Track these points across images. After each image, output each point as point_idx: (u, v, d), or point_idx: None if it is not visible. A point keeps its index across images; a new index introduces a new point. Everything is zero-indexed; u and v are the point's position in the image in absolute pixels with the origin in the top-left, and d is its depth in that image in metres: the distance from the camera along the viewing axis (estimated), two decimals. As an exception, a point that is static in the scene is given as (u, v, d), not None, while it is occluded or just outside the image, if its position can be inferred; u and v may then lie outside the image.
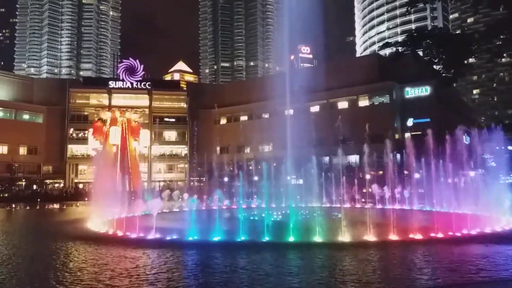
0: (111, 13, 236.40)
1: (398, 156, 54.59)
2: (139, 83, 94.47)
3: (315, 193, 36.99)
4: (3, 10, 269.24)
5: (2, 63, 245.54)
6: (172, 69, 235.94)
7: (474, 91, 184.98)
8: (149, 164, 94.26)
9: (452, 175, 33.86)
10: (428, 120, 67.34)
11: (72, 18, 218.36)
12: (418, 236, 21.04)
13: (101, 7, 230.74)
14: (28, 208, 53.30)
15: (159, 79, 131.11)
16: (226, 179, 57.15)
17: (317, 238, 20.39)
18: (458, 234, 22.31)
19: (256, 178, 47.91)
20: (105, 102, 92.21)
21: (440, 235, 21.70)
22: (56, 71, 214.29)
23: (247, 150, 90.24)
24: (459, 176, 36.38)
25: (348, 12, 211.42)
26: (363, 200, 45.30)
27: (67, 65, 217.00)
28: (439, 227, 22.30)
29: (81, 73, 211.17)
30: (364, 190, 45.84)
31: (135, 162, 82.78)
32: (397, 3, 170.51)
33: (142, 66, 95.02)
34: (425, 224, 23.24)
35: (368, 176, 46.63)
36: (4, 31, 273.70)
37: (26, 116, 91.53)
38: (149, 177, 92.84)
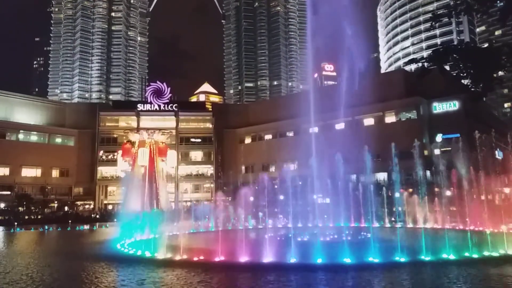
0: (139, 38, 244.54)
1: (428, 173, 53.14)
2: (166, 105, 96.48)
3: (343, 212, 36.34)
4: (38, 39, 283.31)
5: (36, 89, 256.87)
6: (197, 91, 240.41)
7: (506, 105, 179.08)
8: (176, 184, 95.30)
9: (485, 191, 32.63)
10: (458, 135, 65.48)
11: (102, 45, 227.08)
12: (452, 256, 20.26)
13: (129, 33, 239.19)
14: (60, 229, 54.56)
15: (185, 101, 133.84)
16: (251, 198, 56.97)
17: (346, 260, 19.92)
18: (475, 256, 21.30)
19: (281, 197, 47.56)
20: (134, 124, 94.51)
21: (475, 255, 20.83)
22: (87, 95, 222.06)
23: (272, 168, 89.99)
24: (493, 192, 35.03)
25: (371, 29, 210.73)
26: (392, 219, 44.10)
27: (97, 89, 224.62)
28: (474, 246, 21.41)
29: (111, 96, 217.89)
30: (394, 209, 44.68)
31: (162, 183, 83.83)
32: (421, 18, 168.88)
33: (169, 88, 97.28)
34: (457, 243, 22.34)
35: (397, 194, 45.51)
36: (38, 59, 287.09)
37: (58, 140, 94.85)
38: (176, 197, 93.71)
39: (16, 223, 59.16)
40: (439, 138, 71.53)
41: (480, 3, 16.11)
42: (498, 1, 15.77)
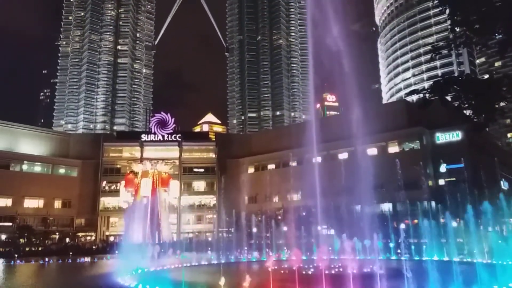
0: (144, 70, 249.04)
1: (433, 203, 52.56)
2: (170, 135, 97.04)
3: (347, 244, 35.68)
4: (45, 71, 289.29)
5: (42, 120, 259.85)
6: (201, 121, 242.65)
7: (509, 135, 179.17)
8: (178, 215, 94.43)
9: (492, 222, 32.12)
10: (462, 165, 65.22)
11: (108, 77, 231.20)
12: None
13: (135, 65, 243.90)
14: (60, 262, 53.73)
15: (189, 131, 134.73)
16: (254, 229, 56.28)
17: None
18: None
19: (285, 228, 46.93)
20: (137, 155, 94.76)
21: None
22: (91, 126, 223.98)
23: (276, 199, 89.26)
24: (500, 223, 34.47)
25: (372, 60, 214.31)
26: (398, 251, 43.23)
27: (102, 120, 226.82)
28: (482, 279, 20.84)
29: (115, 127, 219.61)
30: (400, 240, 43.88)
31: (164, 214, 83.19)
32: (421, 50, 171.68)
33: (173, 119, 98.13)
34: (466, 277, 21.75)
35: (402, 225, 44.85)
36: (45, 90, 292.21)
37: (62, 170, 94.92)
38: (178, 228, 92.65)
39: (16, 255, 58.38)
40: (443, 168, 71.15)
41: (478, 36, 16.43)
42: (496, 34, 16.07)
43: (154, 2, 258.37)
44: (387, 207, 67.68)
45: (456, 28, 16.29)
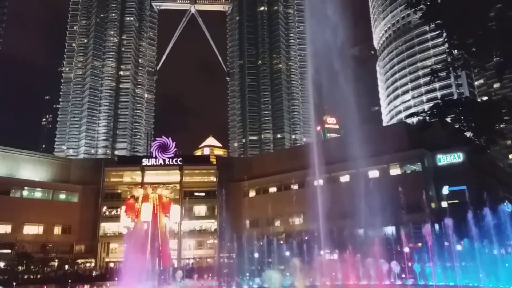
0: (145, 95, 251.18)
1: (437, 226, 51.90)
2: (171, 159, 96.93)
3: (352, 269, 35.09)
4: (47, 97, 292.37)
5: (44, 146, 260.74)
6: (202, 145, 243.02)
7: (510, 156, 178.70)
8: (179, 240, 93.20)
9: (497, 245, 31.62)
10: (464, 187, 64.75)
11: (110, 102, 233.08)
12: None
13: (137, 90, 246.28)
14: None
15: (190, 155, 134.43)
16: (256, 255, 55.47)
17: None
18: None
19: (287, 253, 46.26)
20: (138, 179, 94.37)
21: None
22: (92, 151, 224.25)
23: (277, 223, 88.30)
24: (505, 246, 33.93)
25: (371, 83, 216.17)
26: (403, 275, 42.41)
27: (103, 145, 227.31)
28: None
29: (116, 152, 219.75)
30: (403, 265, 43.08)
31: (165, 239, 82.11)
32: (420, 73, 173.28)
33: (174, 143, 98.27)
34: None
35: (406, 249, 44.16)
36: (47, 116, 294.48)
37: (62, 196, 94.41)
38: (178, 254, 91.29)
39: (14, 283, 57.38)
40: (445, 190, 70.63)
41: (476, 59, 16.57)
42: (493, 57, 16.21)
43: (156, 28, 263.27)
44: (390, 230, 66.84)
45: (453, 51, 16.43)
